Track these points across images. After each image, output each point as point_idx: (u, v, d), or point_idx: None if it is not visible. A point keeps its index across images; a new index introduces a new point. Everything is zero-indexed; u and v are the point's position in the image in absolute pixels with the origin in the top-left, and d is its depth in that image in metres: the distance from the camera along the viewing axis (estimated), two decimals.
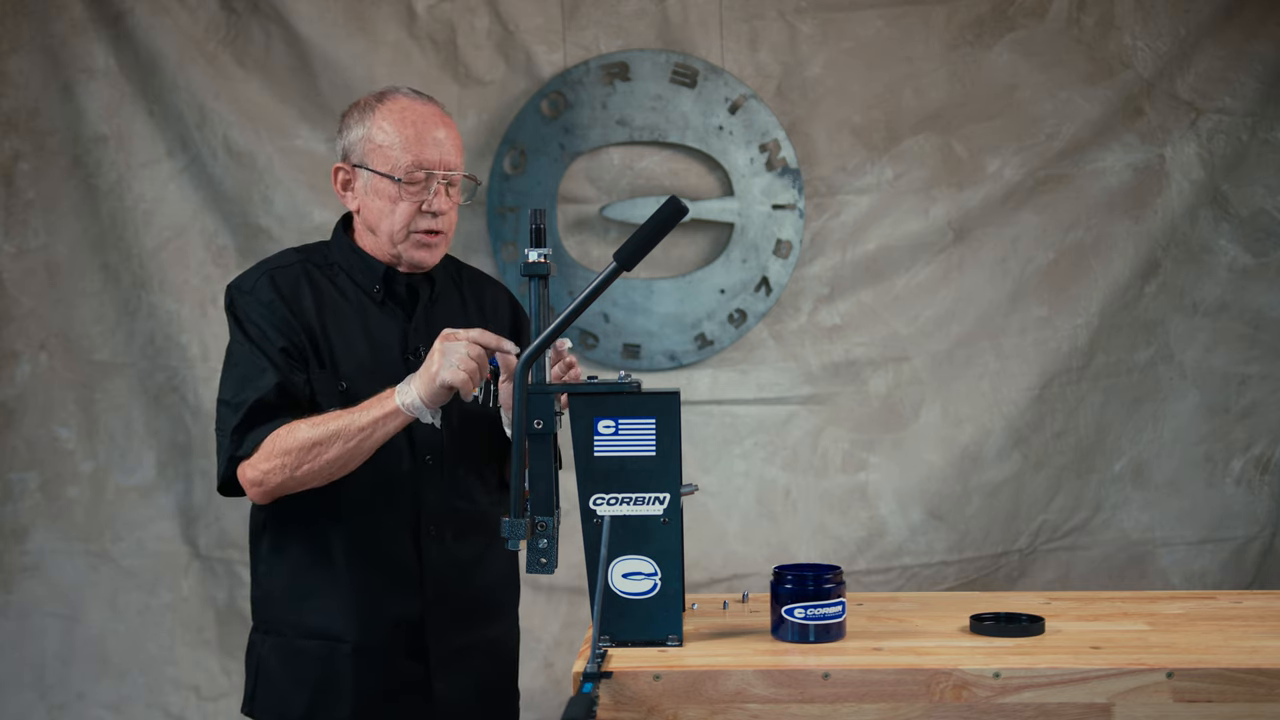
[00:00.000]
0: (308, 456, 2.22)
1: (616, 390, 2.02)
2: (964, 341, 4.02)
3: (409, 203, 2.35)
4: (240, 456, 2.28)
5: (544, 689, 3.96)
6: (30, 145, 3.85)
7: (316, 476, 2.25)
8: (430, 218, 2.36)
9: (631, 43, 3.95)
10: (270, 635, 2.39)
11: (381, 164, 2.35)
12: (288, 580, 2.37)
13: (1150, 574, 4.06)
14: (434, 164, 2.35)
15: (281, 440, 2.24)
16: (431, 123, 2.37)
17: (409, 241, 2.37)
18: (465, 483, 2.41)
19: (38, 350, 3.88)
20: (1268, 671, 1.84)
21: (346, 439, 2.21)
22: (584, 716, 1.70)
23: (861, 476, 4.02)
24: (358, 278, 2.40)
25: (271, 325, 2.32)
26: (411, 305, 2.42)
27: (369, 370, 2.34)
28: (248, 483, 2.28)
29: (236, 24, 3.86)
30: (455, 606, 2.40)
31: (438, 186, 2.35)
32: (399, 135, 2.34)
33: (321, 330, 2.34)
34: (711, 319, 3.99)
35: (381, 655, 2.34)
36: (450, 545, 2.39)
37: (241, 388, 2.30)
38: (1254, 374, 4.07)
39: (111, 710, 3.91)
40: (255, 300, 2.34)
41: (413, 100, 2.39)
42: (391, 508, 2.35)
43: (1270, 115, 4.00)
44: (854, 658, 1.93)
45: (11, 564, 3.89)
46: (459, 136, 2.42)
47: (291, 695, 2.36)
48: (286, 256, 2.44)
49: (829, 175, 3.98)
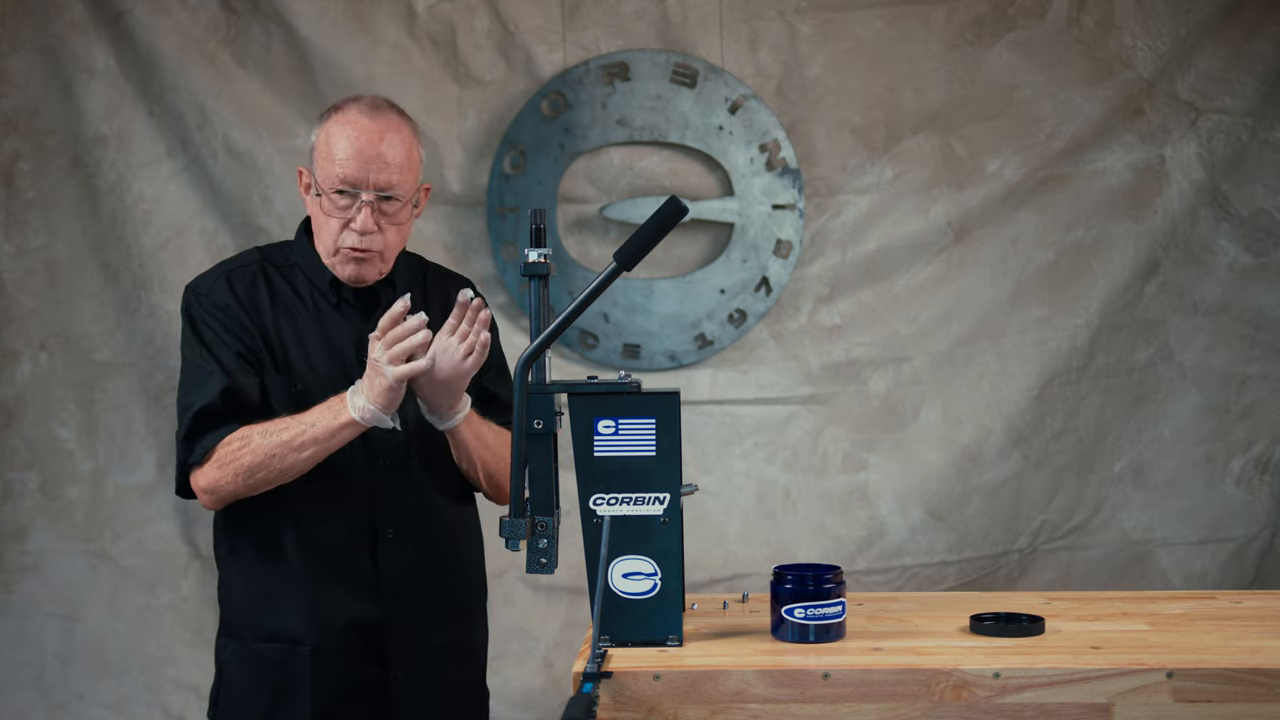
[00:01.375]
0: (260, 466, 2.23)
1: (616, 390, 2.02)
2: (964, 341, 4.02)
3: (336, 219, 2.32)
4: (192, 463, 2.28)
5: (544, 689, 3.96)
6: (30, 145, 3.85)
7: (269, 484, 2.26)
8: (355, 236, 2.32)
9: (631, 43, 3.95)
10: (232, 639, 2.39)
11: (320, 175, 2.34)
12: (245, 584, 2.37)
13: (1150, 574, 4.06)
14: (360, 182, 2.29)
15: (233, 449, 2.24)
16: (370, 138, 2.29)
17: (339, 256, 2.35)
18: (424, 484, 2.39)
19: (38, 350, 3.88)
20: (1268, 671, 1.84)
21: (301, 449, 2.22)
22: (584, 716, 1.70)
23: (861, 476, 4.02)
24: (314, 279, 2.39)
25: (225, 329, 2.32)
26: (370, 307, 2.40)
27: (323, 373, 2.34)
28: (200, 490, 2.29)
29: (236, 24, 3.86)
30: (416, 609, 2.38)
31: (363, 205, 2.30)
32: (335, 149, 2.30)
33: (276, 332, 2.34)
34: (711, 319, 3.99)
35: (339, 658, 2.33)
36: (410, 548, 2.37)
37: (189, 392, 2.30)
38: (1254, 374, 4.07)
39: (111, 710, 3.91)
40: (210, 303, 2.33)
41: (360, 115, 2.32)
42: (346, 510, 2.34)
43: (1270, 115, 4.00)
44: (854, 658, 1.93)
45: (11, 564, 3.89)
46: (411, 152, 2.35)
47: (250, 699, 2.35)
48: (246, 256, 2.43)
49: (829, 175, 3.98)
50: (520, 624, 3.95)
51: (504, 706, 3.89)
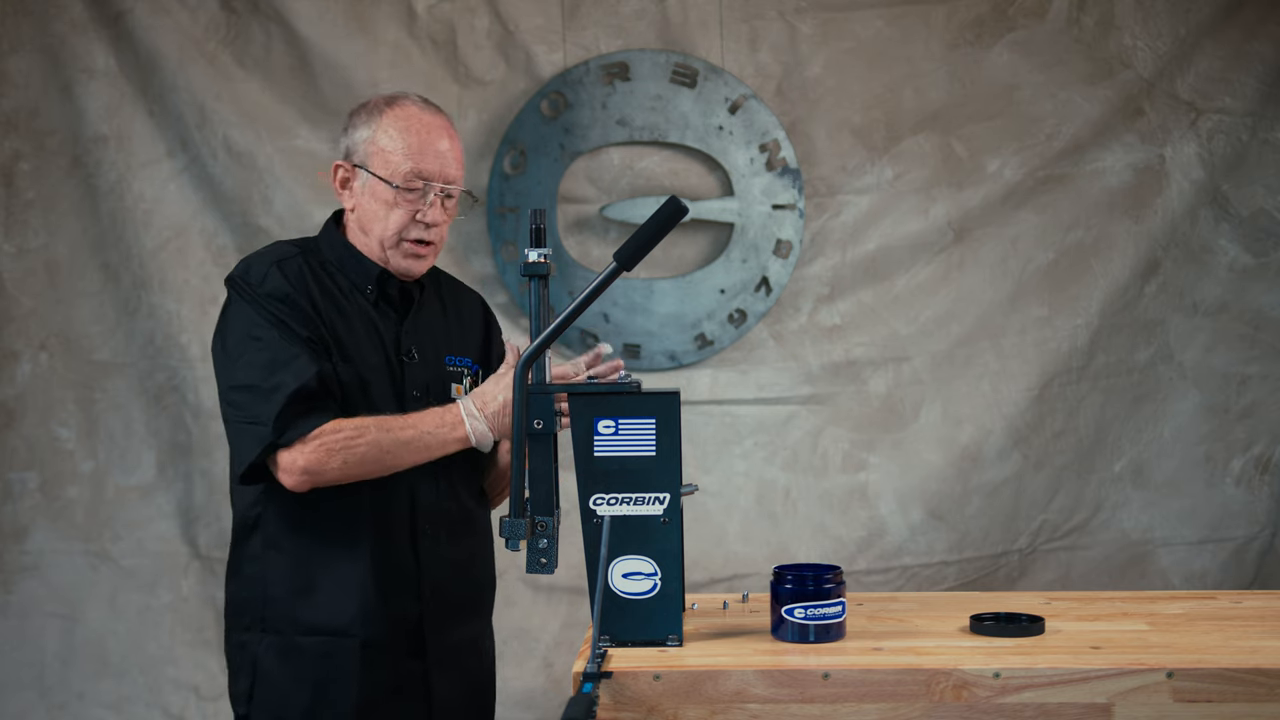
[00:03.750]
0: (373, 460, 2.26)
1: (616, 390, 2.02)
2: (964, 341, 4.02)
3: (403, 210, 2.36)
4: (282, 444, 2.24)
5: (544, 689, 3.96)
6: (30, 145, 3.85)
7: (370, 476, 2.28)
8: (423, 228, 2.37)
9: (631, 43, 3.95)
10: (267, 634, 2.37)
11: (381, 168, 2.35)
12: (287, 577, 2.35)
13: (1150, 574, 4.06)
14: (433, 175, 2.36)
15: (345, 435, 2.24)
16: (436, 134, 2.37)
17: (399, 249, 2.38)
18: (454, 484, 2.44)
19: (38, 350, 3.88)
20: (1268, 671, 1.84)
21: (415, 453, 2.28)
22: (584, 716, 1.70)
23: (861, 476, 4.02)
24: (352, 276, 2.40)
25: (291, 317, 2.29)
26: (404, 307, 2.43)
27: (376, 365, 2.35)
28: (298, 469, 2.23)
29: (236, 24, 3.87)
30: (450, 605, 2.43)
31: (434, 198, 2.36)
32: (403, 142, 2.35)
33: (329, 324, 2.33)
34: (711, 319, 3.99)
35: (386, 651, 2.35)
36: (445, 545, 2.41)
37: (273, 372, 2.25)
38: (1254, 374, 4.07)
39: (111, 710, 3.91)
40: (268, 292, 2.30)
41: (421, 110, 2.39)
42: (392, 507, 2.36)
43: (1270, 115, 4.00)
44: (854, 658, 1.93)
45: (11, 564, 3.89)
46: (462, 151, 2.43)
47: (292, 693, 2.34)
48: (285, 248, 2.41)
49: (829, 175, 3.98)
50: (520, 624, 3.95)
51: (504, 706, 3.88)
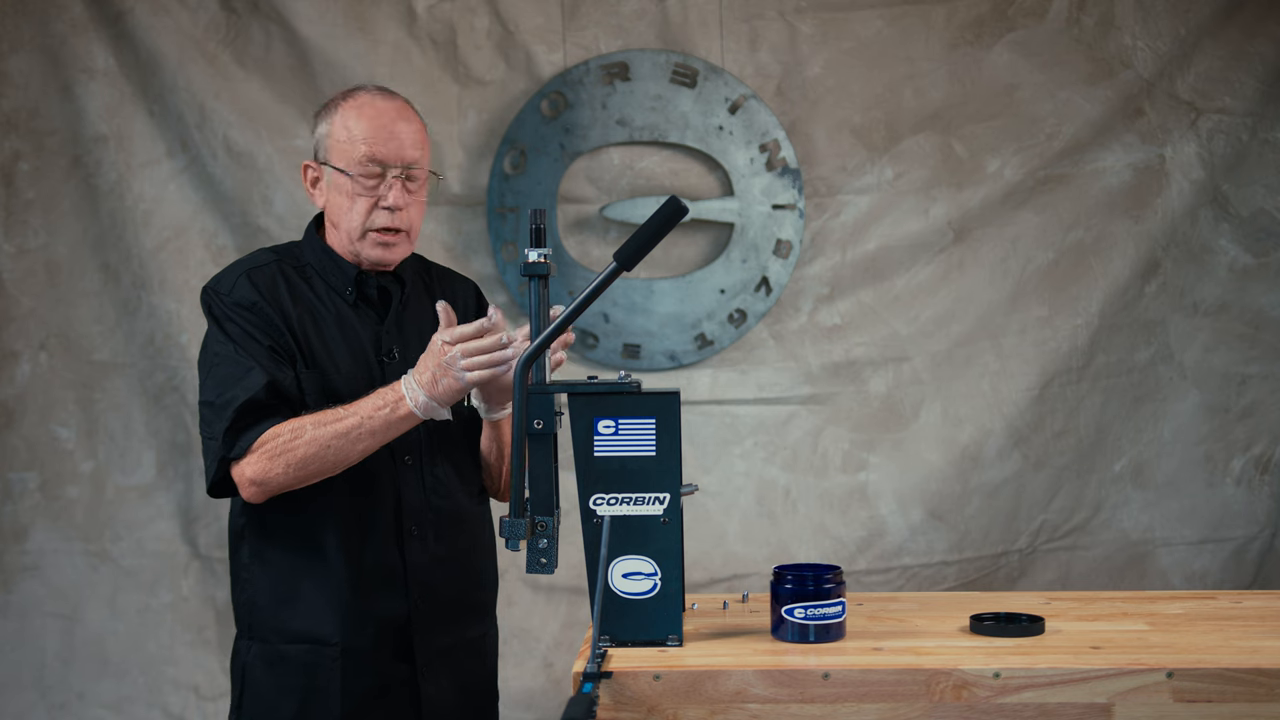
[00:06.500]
0: (314, 457, 2.23)
1: (616, 390, 2.02)
2: (964, 341, 4.02)
3: (365, 199, 2.36)
4: (232, 458, 2.27)
5: (544, 689, 3.96)
6: (30, 145, 3.86)
7: (320, 475, 2.25)
8: (387, 214, 2.36)
9: (631, 43, 3.95)
10: (255, 642, 2.38)
11: (340, 159, 2.37)
12: (271, 585, 2.36)
13: (1150, 574, 4.06)
14: (389, 158, 2.35)
15: (284, 439, 2.23)
16: (389, 117, 2.37)
17: (366, 240, 2.38)
18: (444, 481, 2.41)
19: (38, 350, 3.89)
20: (1268, 671, 1.84)
21: (357, 440, 2.23)
22: (584, 716, 1.70)
23: (861, 476, 4.02)
24: (330, 279, 2.40)
25: (255, 326, 2.31)
26: (384, 307, 2.42)
27: (348, 371, 2.35)
28: (246, 481, 2.27)
29: (236, 24, 3.87)
30: (439, 606, 2.40)
31: (392, 180, 2.36)
32: (357, 130, 2.36)
33: (301, 330, 2.34)
34: (711, 319, 3.99)
35: (369, 656, 2.34)
36: (432, 545, 2.39)
37: (226, 388, 2.28)
38: (1254, 374, 4.07)
39: (111, 710, 3.91)
40: (235, 302, 2.33)
41: (374, 96, 2.39)
42: (374, 508, 2.35)
43: (1270, 115, 4.00)
44: (854, 658, 1.93)
45: (11, 564, 3.89)
46: (423, 132, 2.42)
47: (278, 702, 2.35)
48: (261, 256, 2.44)
49: (829, 175, 3.98)
50: (520, 624, 3.96)
51: (504, 706, 3.87)
